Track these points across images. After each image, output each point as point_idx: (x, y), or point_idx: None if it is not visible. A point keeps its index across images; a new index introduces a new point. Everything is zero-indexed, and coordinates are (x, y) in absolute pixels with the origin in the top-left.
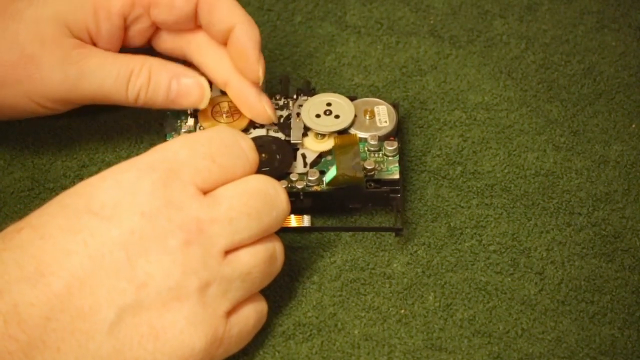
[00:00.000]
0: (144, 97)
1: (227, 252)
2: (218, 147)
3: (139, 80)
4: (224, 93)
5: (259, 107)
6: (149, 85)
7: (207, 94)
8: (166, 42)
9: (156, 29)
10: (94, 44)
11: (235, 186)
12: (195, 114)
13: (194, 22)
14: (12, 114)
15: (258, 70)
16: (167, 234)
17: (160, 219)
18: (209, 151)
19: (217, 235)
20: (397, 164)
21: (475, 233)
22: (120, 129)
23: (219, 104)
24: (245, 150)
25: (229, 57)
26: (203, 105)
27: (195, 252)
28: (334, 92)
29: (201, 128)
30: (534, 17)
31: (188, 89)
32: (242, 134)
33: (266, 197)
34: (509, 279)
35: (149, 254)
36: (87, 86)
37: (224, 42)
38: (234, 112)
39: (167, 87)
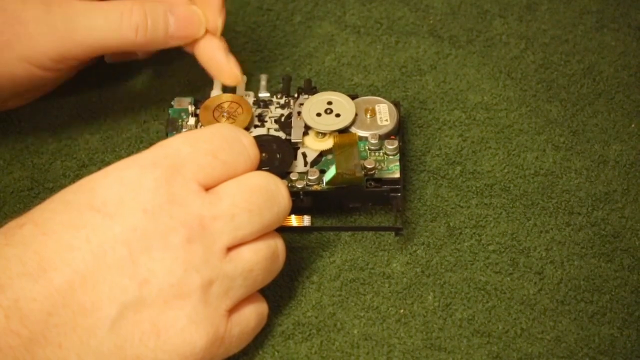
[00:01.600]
0: (143, 35)
1: (229, 249)
2: (220, 144)
3: (134, 17)
4: (226, 92)
5: (226, 67)
6: (147, 23)
7: (203, 21)
8: None
9: None
10: None
11: (237, 182)
12: (196, 113)
13: None
14: (14, 87)
15: (218, 20)
16: (169, 231)
17: (163, 216)
18: (210, 147)
19: (219, 232)
20: (397, 163)
21: (474, 233)
22: (120, 129)
23: (219, 104)
24: (246, 146)
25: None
26: (201, 32)
27: (197, 249)
28: (335, 91)
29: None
30: (534, 17)
31: (186, 19)
32: (243, 131)
33: (268, 193)
34: (508, 279)
35: (151, 250)
36: (77, 36)
37: None
38: (235, 112)
39: (165, 22)
